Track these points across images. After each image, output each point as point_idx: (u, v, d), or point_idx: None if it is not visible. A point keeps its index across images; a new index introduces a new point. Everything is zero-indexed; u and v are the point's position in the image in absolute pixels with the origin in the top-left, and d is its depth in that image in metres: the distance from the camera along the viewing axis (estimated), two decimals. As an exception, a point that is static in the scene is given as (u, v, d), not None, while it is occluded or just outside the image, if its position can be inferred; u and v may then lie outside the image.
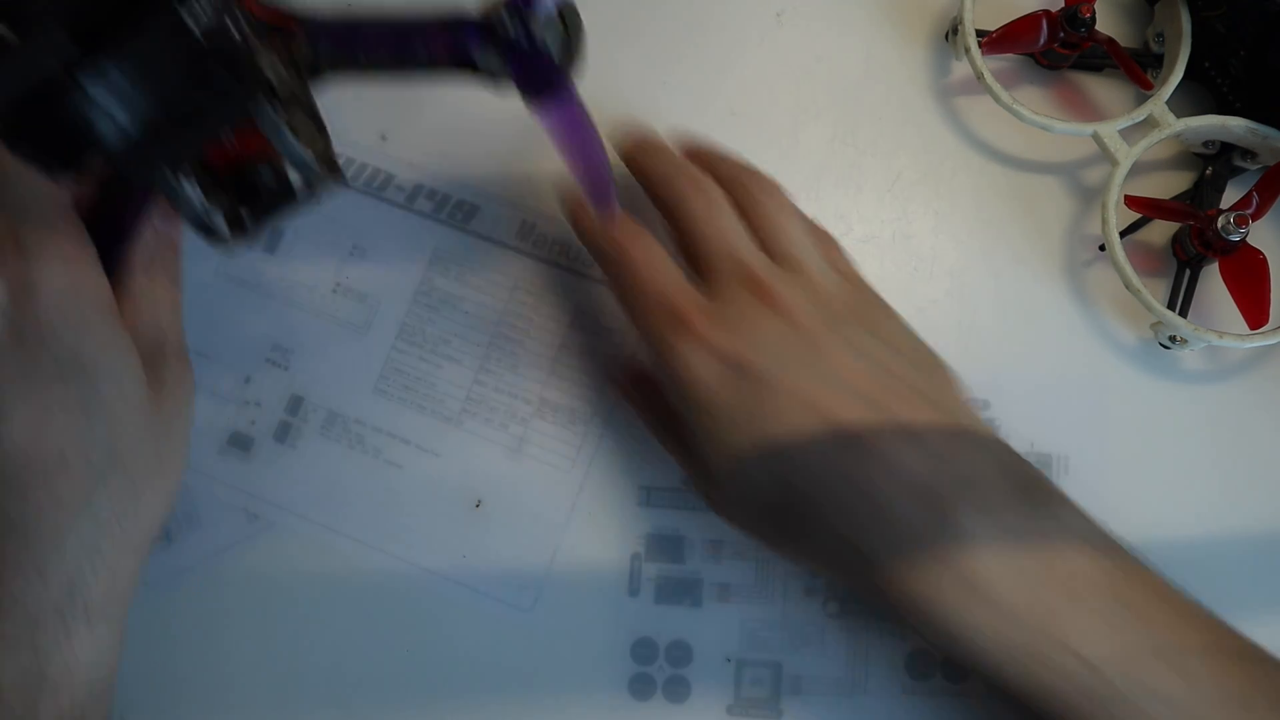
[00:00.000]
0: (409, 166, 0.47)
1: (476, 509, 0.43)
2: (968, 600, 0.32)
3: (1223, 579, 0.42)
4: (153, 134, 0.26)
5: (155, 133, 0.26)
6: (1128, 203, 0.43)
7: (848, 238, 0.46)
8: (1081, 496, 0.43)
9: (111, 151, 0.26)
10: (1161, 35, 0.47)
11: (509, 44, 0.31)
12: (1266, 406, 0.44)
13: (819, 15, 0.48)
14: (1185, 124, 0.44)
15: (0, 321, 0.29)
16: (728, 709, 0.41)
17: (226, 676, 0.38)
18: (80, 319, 0.30)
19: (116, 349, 0.31)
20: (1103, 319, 0.45)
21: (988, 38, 0.45)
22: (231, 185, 0.30)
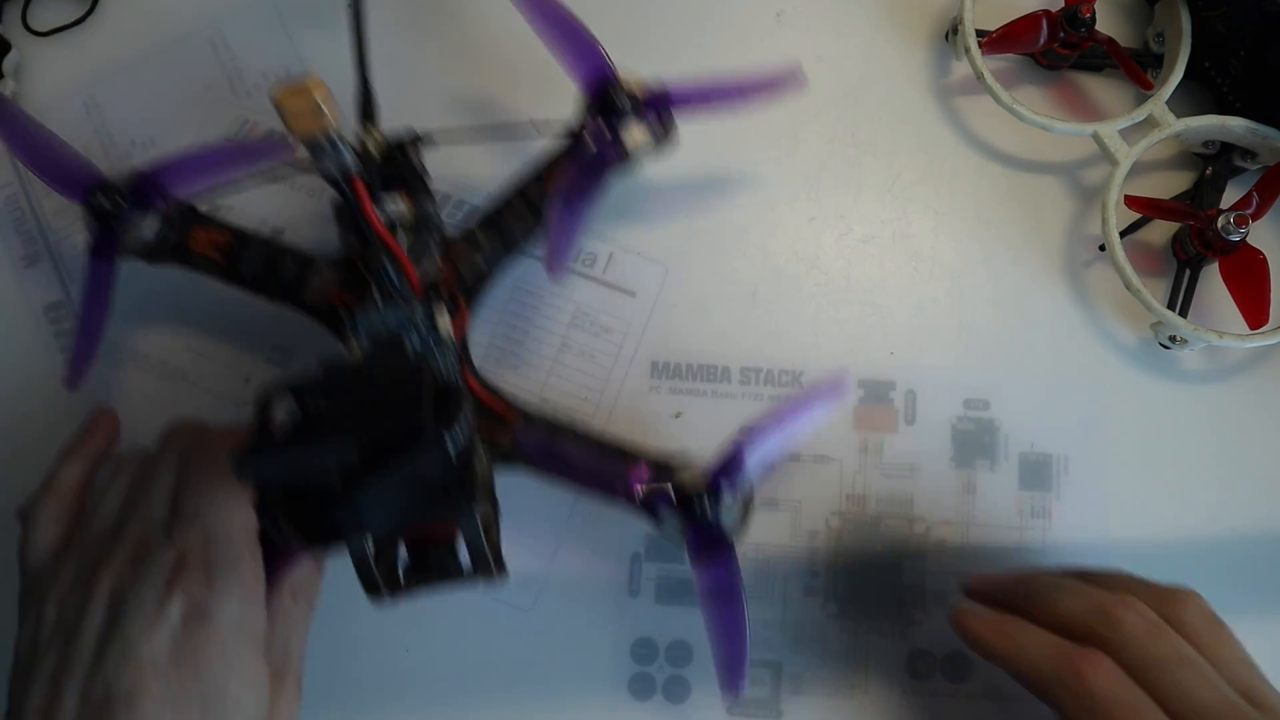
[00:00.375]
0: (409, 166, 0.47)
1: (476, 509, 0.43)
2: None
3: (1223, 579, 0.42)
4: (377, 519, 0.29)
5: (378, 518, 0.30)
6: (1128, 203, 0.43)
7: (848, 238, 0.46)
8: (1081, 496, 0.43)
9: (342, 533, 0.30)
10: (1161, 35, 0.47)
11: (694, 518, 0.36)
12: (1266, 406, 0.44)
13: (819, 15, 0.48)
14: (1185, 124, 0.44)
15: (166, 637, 0.32)
16: (728, 709, 0.41)
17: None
18: (236, 656, 0.32)
19: (256, 686, 0.33)
20: (1103, 319, 0.45)
21: (988, 38, 0.45)
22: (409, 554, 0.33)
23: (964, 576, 0.40)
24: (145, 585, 0.32)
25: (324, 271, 0.41)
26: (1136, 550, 0.43)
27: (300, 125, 0.33)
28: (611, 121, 0.40)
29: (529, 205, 0.41)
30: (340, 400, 0.29)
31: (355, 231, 0.37)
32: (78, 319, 0.41)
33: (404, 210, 0.38)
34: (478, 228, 0.42)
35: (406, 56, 0.48)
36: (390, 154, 0.38)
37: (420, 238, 0.38)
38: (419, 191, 0.38)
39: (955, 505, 0.43)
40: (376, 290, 0.37)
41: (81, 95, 0.48)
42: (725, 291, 0.45)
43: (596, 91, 0.40)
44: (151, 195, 0.39)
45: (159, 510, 0.34)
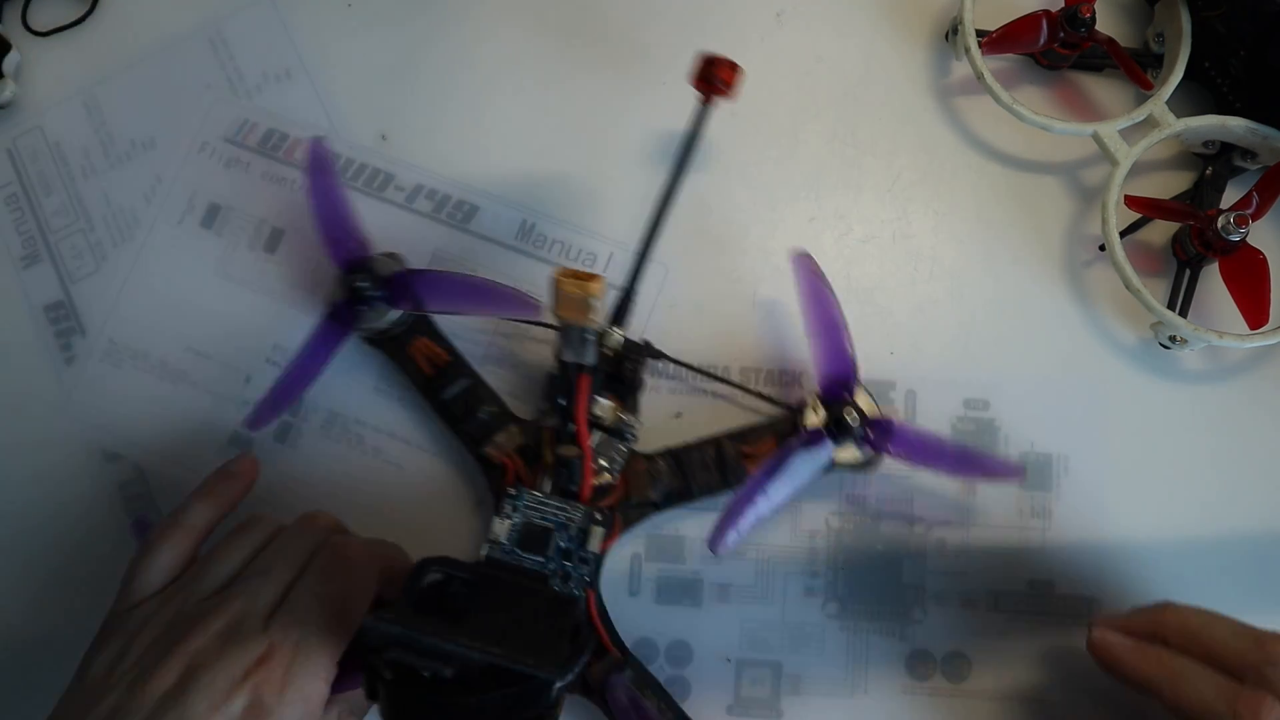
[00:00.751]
0: (409, 166, 0.47)
1: (477, 509, 0.43)
2: None
3: (1223, 579, 0.42)
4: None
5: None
6: (1128, 203, 0.43)
7: (848, 238, 0.46)
8: (1081, 496, 0.43)
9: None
10: (1161, 35, 0.47)
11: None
12: (1266, 406, 0.44)
13: (819, 15, 0.48)
14: (1185, 124, 0.44)
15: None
16: (727, 709, 0.41)
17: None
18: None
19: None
20: (1103, 319, 0.45)
21: (988, 38, 0.45)
22: None
23: (1092, 616, 0.40)
24: (223, 667, 0.32)
25: (513, 432, 0.41)
26: (1136, 550, 0.43)
27: (567, 311, 0.34)
28: (832, 427, 0.39)
29: (720, 463, 0.41)
30: (484, 600, 0.31)
31: (558, 412, 0.38)
32: (288, 370, 0.42)
33: (608, 415, 0.39)
34: (664, 457, 0.41)
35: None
36: (621, 359, 0.39)
37: (610, 444, 0.39)
38: (630, 402, 0.40)
39: (955, 505, 0.43)
40: (549, 477, 0.38)
41: (81, 95, 0.48)
42: (725, 291, 0.45)
43: (833, 395, 0.40)
44: (401, 295, 0.41)
45: (268, 595, 0.34)
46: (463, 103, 0.47)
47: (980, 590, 0.42)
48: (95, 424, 0.44)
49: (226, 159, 0.47)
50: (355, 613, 0.34)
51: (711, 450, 0.41)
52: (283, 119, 0.47)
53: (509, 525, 0.38)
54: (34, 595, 0.43)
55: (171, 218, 0.46)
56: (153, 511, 0.44)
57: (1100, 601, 0.42)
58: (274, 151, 0.47)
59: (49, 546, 0.43)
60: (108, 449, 0.44)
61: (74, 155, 0.47)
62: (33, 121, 0.48)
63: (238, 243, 0.46)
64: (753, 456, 0.41)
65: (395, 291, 0.41)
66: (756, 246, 0.46)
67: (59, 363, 0.45)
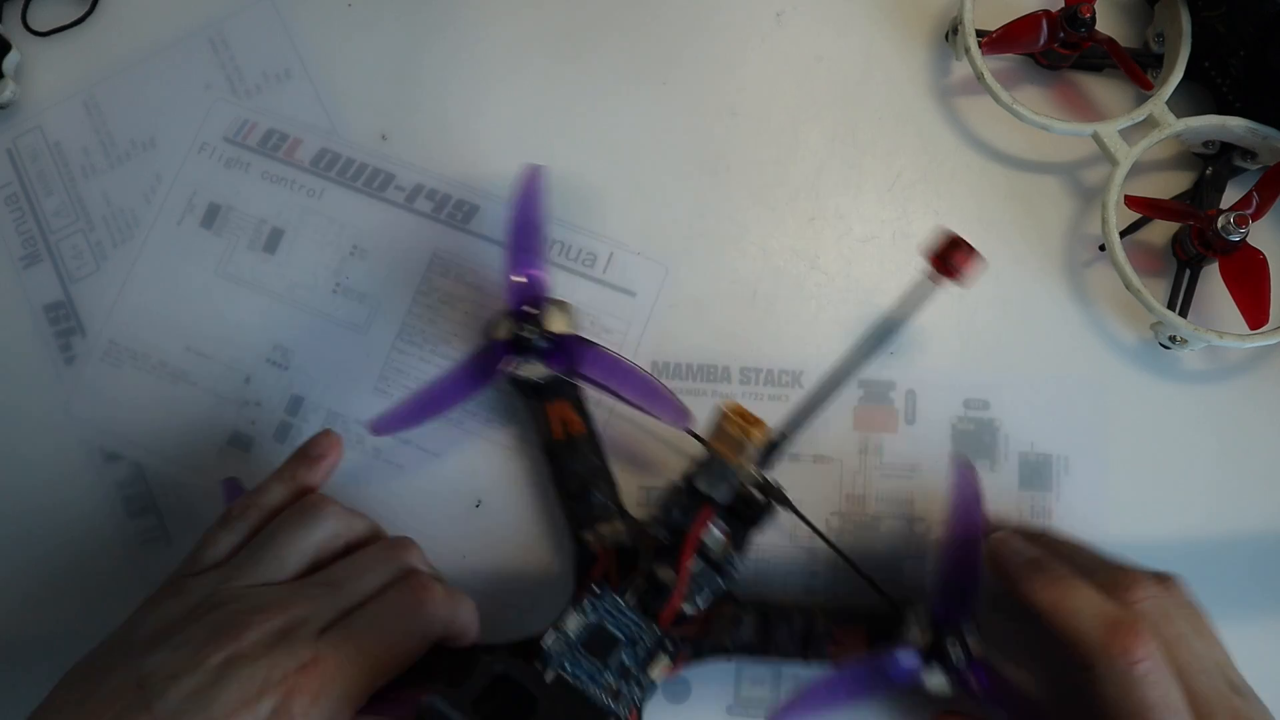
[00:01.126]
0: (409, 166, 0.47)
1: (477, 509, 0.43)
2: None
3: (1223, 579, 0.42)
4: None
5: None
6: (1128, 203, 0.43)
7: (848, 238, 0.46)
8: (1082, 496, 0.43)
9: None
10: (1161, 35, 0.47)
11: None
12: (1267, 406, 0.44)
13: (819, 15, 0.48)
14: (1185, 124, 0.44)
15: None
16: (727, 709, 0.41)
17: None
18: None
19: None
20: (1103, 319, 0.45)
21: (988, 38, 0.45)
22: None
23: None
24: (264, 666, 0.32)
25: (617, 528, 0.40)
26: (1136, 550, 0.43)
27: (722, 446, 0.35)
28: (931, 653, 0.38)
29: (805, 637, 0.39)
30: (545, 710, 0.32)
31: (668, 527, 0.37)
32: (430, 389, 0.41)
33: (717, 548, 0.37)
34: (752, 610, 0.39)
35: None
36: (749, 499, 0.38)
37: (707, 576, 0.38)
38: (741, 540, 0.38)
39: (955, 505, 0.43)
40: (635, 589, 0.37)
41: (81, 95, 0.48)
42: (725, 291, 0.45)
43: (945, 619, 0.38)
44: (562, 358, 0.40)
45: (329, 611, 0.34)
46: (463, 103, 0.47)
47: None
48: (95, 424, 0.44)
49: (226, 159, 0.47)
50: (407, 655, 0.35)
51: (800, 621, 0.39)
52: (283, 119, 0.47)
53: (582, 623, 0.36)
54: (33, 595, 0.43)
55: (171, 218, 0.46)
56: (153, 511, 0.44)
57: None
58: (274, 151, 0.47)
59: (48, 546, 0.43)
60: (107, 449, 0.44)
61: (74, 155, 0.47)
62: (33, 121, 0.48)
63: (238, 243, 0.46)
64: (840, 645, 0.39)
65: (558, 351, 0.40)
66: (756, 246, 0.46)
67: (59, 363, 0.45)
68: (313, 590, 0.35)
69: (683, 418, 0.40)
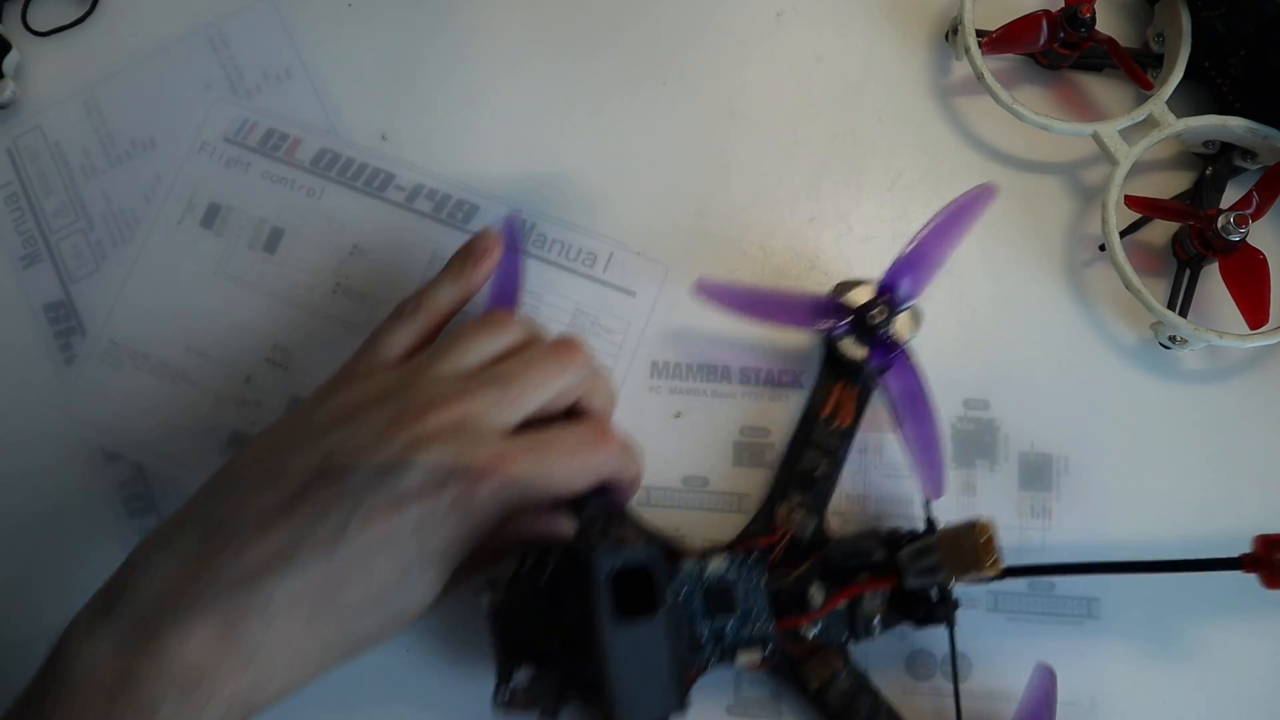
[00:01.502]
0: (409, 166, 0.47)
1: (476, 509, 0.43)
2: None
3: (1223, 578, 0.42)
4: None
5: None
6: (1128, 202, 0.43)
7: (848, 238, 0.46)
8: (1081, 496, 0.43)
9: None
10: (1161, 35, 0.47)
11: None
12: (1266, 406, 0.44)
13: (819, 15, 0.48)
14: (1185, 124, 0.44)
15: (412, 511, 0.31)
16: (727, 709, 0.41)
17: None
18: (428, 564, 0.32)
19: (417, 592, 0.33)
20: (1103, 319, 0.45)
21: (988, 38, 0.45)
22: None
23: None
24: (451, 454, 0.32)
25: (809, 522, 0.41)
26: (1136, 550, 0.43)
27: (948, 547, 0.35)
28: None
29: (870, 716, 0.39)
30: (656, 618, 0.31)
31: (847, 557, 0.38)
32: (766, 295, 0.43)
33: (870, 611, 0.38)
34: (853, 676, 0.39)
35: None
36: (926, 599, 0.38)
37: (837, 623, 0.38)
38: (890, 622, 0.38)
39: (955, 505, 0.43)
40: (779, 583, 0.38)
41: (81, 95, 0.48)
42: (725, 291, 0.45)
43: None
44: (881, 355, 0.41)
45: (507, 412, 0.34)
46: (463, 102, 0.47)
47: (980, 590, 0.41)
48: (95, 424, 0.44)
49: (226, 159, 0.47)
50: (568, 489, 0.34)
51: (868, 706, 0.39)
52: (283, 119, 0.47)
53: (721, 572, 0.37)
54: (32, 595, 0.43)
55: (171, 218, 0.46)
56: (153, 511, 0.44)
57: (1100, 601, 0.42)
58: (274, 151, 0.47)
59: (48, 546, 0.43)
60: (108, 449, 0.44)
61: (74, 155, 0.47)
62: (33, 121, 0.48)
63: (238, 243, 0.46)
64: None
65: (883, 349, 0.40)
66: (756, 246, 0.46)
67: (59, 363, 0.45)
68: (488, 386, 0.34)
69: (937, 491, 0.40)
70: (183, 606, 0.29)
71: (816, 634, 0.38)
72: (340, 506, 0.31)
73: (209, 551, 0.30)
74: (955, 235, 0.41)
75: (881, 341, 0.40)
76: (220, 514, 0.32)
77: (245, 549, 0.30)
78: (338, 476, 0.31)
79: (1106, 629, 0.42)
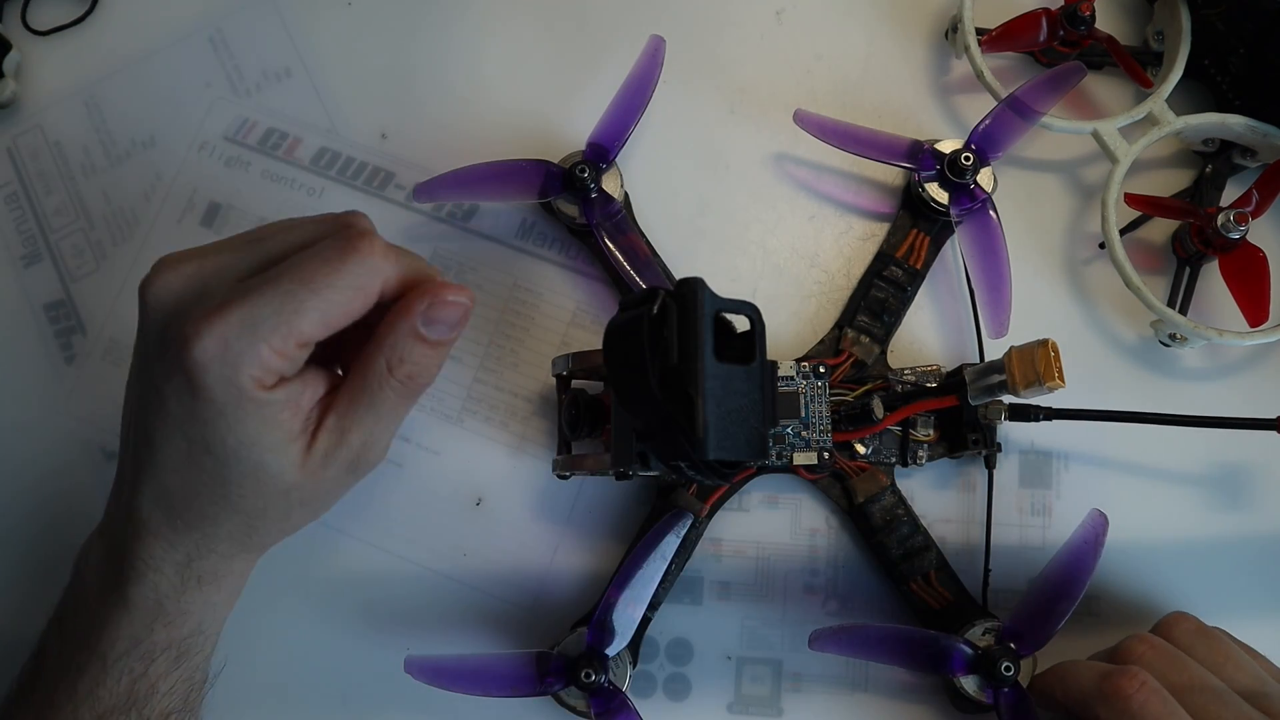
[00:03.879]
0: (409, 166, 0.47)
1: (477, 507, 0.43)
2: None
3: (1223, 577, 0.43)
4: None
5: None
6: (1127, 200, 0.43)
7: (848, 235, 0.46)
8: (1081, 495, 0.43)
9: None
10: (1161, 33, 0.47)
11: None
12: (1266, 404, 0.44)
13: (819, 14, 0.48)
14: (1185, 121, 0.44)
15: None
16: (728, 707, 0.41)
17: (227, 674, 0.38)
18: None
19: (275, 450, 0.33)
20: (1102, 317, 0.45)
21: (987, 36, 0.45)
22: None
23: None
24: (178, 320, 0.30)
25: (872, 349, 0.43)
26: (1136, 548, 0.43)
27: (1018, 365, 0.37)
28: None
29: (910, 554, 0.41)
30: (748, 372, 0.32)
31: (909, 383, 0.41)
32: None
33: (923, 433, 0.41)
34: (897, 497, 0.42)
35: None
36: (980, 425, 0.41)
37: (890, 443, 0.42)
38: (940, 450, 0.42)
39: (955, 503, 0.43)
40: (842, 399, 0.41)
41: (81, 95, 0.48)
42: (725, 290, 0.45)
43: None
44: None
45: (249, 260, 0.32)
46: (463, 101, 0.47)
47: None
48: (95, 423, 0.44)
49: (226, 158, 0.47)
50: (338, 305, 0.31)
51: (921, 547, 0.41)
52: (283, 118, 0.47)
53: (789, 377, 0.40)
54: (32, 595, 0.43)
55: (171, 216, 0.46)
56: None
57: (1100, 599, 0.42)
58: (274, 150, 0.47)
59: (48, 546, 0.43)
60: (108, 448, 0.44)
61: (74, 154, 0.47)
62: (33, 121, 0.48)
63: (238, 242, 0.46)
64: (925, 588, 0.41)
65: (965, 200, 0.42)
66: (756, 245, 0.46)
67: (59, 362, 0.45)
68: (234, 245, 0.33)
69: (1000, 329, 0.41)
70: (120, 517, 0.35)
71: (868, 453, 0.41)
72: (141, 404, 0.33)
73: (122, 470, 0.35)
74: (1046, 102, 0.43)
75: (965, 190, 0.42)
76: (123, 443, 0.35)
77: (129, 459, 0.34)
78: (139, 378, 0.33)
79: (1106, 628, 0.42)
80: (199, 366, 0.30)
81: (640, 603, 0.38)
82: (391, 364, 0.32)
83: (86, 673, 0.34)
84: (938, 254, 0.44)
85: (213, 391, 0.30)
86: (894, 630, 0.39)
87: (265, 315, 0.30)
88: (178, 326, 0.30)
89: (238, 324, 0.30)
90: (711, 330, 0.31)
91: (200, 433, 0.31)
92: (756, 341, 0.32)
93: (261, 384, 0.31)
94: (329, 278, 0.31)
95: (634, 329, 0.31)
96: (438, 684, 0.38)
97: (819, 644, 0.38)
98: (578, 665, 0.37)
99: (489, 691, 0.38)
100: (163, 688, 0.34)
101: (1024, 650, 0.38)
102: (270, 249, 0.32)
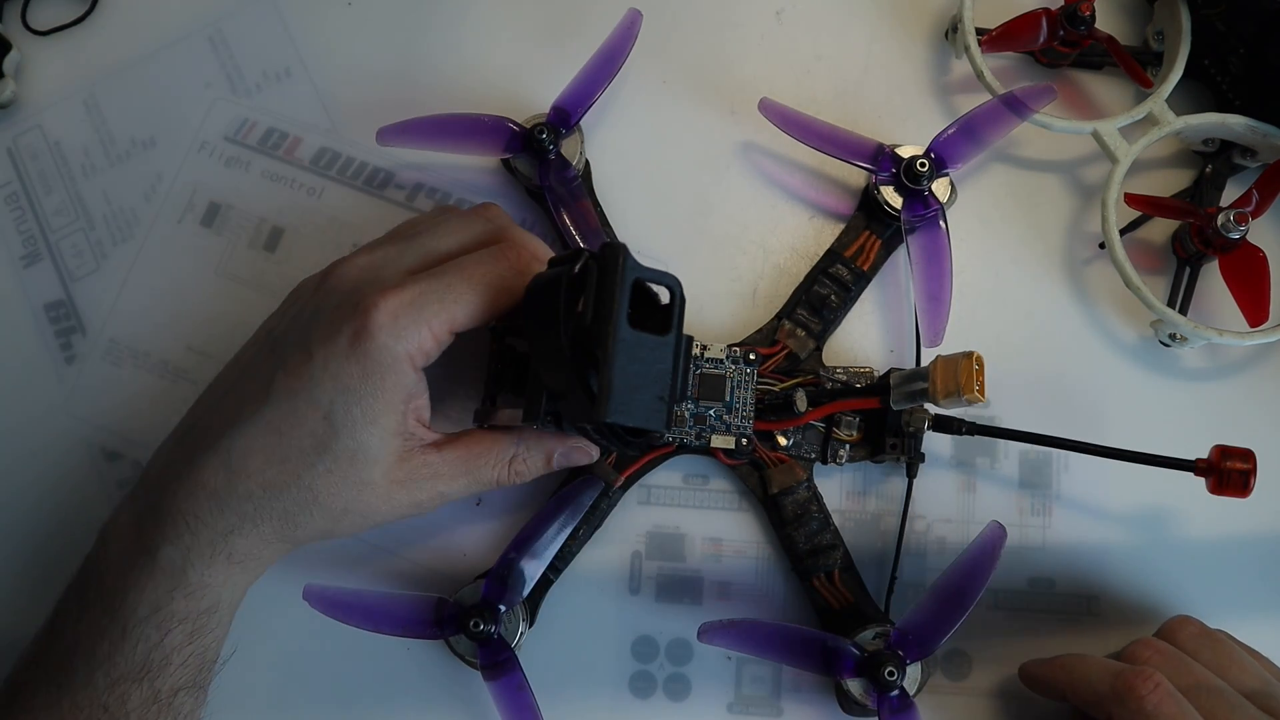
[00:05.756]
0: (409, 165, 0.47)
1: (477, 507, 0.43)
2: None
3: (1224, 577, 0.43)
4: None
5: None
6: (1128, 200, 0.43)
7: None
8: (1081, 495, 0.43)
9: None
10: (1161, 33, 0.47)
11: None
12: (1266, 404, 0.44)
13: (819, 14, 0.48)
14: (1185, 121, 0.44)
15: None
16: (728, 707, 0.41)
17: (228, 673, 0.38)
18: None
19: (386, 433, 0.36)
20: (1103, 317, 0.45)
21: (987, 36, 0.45)
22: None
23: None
24: (352, 298, 0.35)
25: (807, 344, 0.43)
26: (1135, 549, 0.43)
27: (940, 376, 0.37)
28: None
29: (814, 551, 0.41)
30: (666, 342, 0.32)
31: (836, 382, 0.42)
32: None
33: (845, 432, 0.41)
34: (811, 494, 0.42)
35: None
36: (902, 431, 0.41)
37: (811, 438, 0.42)
38: (862, 450, 0.42)
39: (955, 503, 0.43)
40: (769, 389, 0.42)
41: (81, 95, 0.48)
42: (725, 289, 0.45)
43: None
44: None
45: (414, 255, 0.37)
46: (462, 101, 0.47)
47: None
48: (95, 423, 0.44)
49: (226, 158, 0.47)
50: (473, 296, 0.35)
51: (828, 545, 0.41)
52: (283, 118, 0.47)
53: (718, 361, 0.41)
54: (32, 594, 0.43)
55: (171, 217, 0.46)
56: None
57: (1100, 599, 0.42)
58: (274, 150, 0.47)
59: (48, 545, 0.43)
60: (108, 448, 0.44)
61: (74, 154, 0.47)
62: (33, 121, 0.48)
63: (238, 242, 0.46)
64: (828, 588, 0.41)
65: (918, 207, 0.42)
66: (756, 244, 0.46)
67: (59, 362, 0.45)
68: (394, 241, 0.37)
69: (935, 338, 0.41)
70: (170, 474, 0.36)
71: (789, 445, 0.41)
72: (268, 365, 0.35)
73: (191, 431, 0.37)
74: (1006, 122, 0.43)
75: (919, 197, 0.42)
76: (200, 409, 0.38)
77: (211, 419, 0.36)
78: (273, 348, 0.36)
79: (1106, 629, 0.42)
80: (370, 330, 0.34)
81: (540, 561, 0.39)
82: (517, 458, 0.38)
83: (106, 636, 0.34)
84: (887, 258, 0.44)
85: (373, 355, 0.34)
86: (783, 628, 0.39)
87: (430, 301, 0.34)
88: (359, 296, 0.35)
89: (409, 303, 0.34)
90: (629, 296, 0.31)
91: (330, 395, 0.34)
92: (675, 314, 0.32)
93: (413, 361, 0.35)
94: (486, 278, 0.35)
95: (554, 286, 0.32)
96: (333, 615, 0.39)
97: (707, 636, 0.38)
98: (470, 614, 0.38)
99: (381, 629, 0.39)
100: (176, 660, 0.35)
101: (910, 656, 0.37)
102: (431, 247, 0.37)
